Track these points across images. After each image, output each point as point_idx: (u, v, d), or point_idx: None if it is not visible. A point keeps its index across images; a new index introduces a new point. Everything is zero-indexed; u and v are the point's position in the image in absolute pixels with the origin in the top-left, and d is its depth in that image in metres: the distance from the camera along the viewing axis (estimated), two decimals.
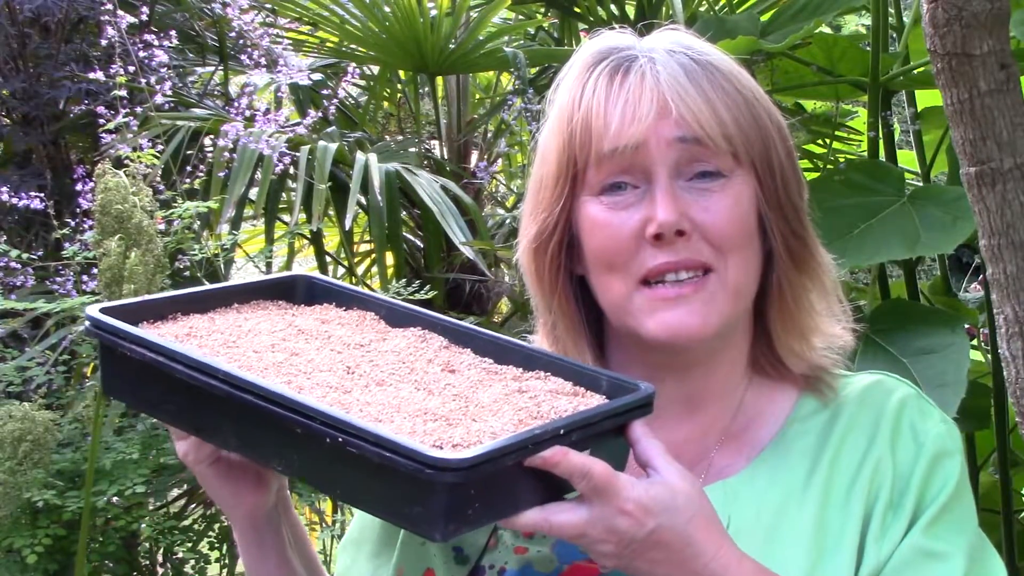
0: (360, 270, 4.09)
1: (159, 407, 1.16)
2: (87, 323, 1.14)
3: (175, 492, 3.17)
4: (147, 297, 1.20)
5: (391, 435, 0.94)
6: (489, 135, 4.07)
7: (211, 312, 1.21)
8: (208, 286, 1.26)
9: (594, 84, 1.17)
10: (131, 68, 2.59)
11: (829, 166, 3.03)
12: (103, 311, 1.13)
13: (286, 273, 1.30)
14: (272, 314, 1.22)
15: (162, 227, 2.22)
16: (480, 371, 1.12)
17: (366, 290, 1.28)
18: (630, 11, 3.50)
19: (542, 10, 3.83)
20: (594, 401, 1.07)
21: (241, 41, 3.04)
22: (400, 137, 4.15)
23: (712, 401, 1.22)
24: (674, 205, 1.12)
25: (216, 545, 2.91)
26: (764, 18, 2.83)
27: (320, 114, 2.96)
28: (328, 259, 3.76)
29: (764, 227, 1.18)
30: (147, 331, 1.13)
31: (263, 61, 2.91)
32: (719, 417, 1.22)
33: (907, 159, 3.14)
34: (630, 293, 1.15)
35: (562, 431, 0.99)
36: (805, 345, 1.22)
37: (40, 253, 2.93)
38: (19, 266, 2.46)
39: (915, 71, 2.61)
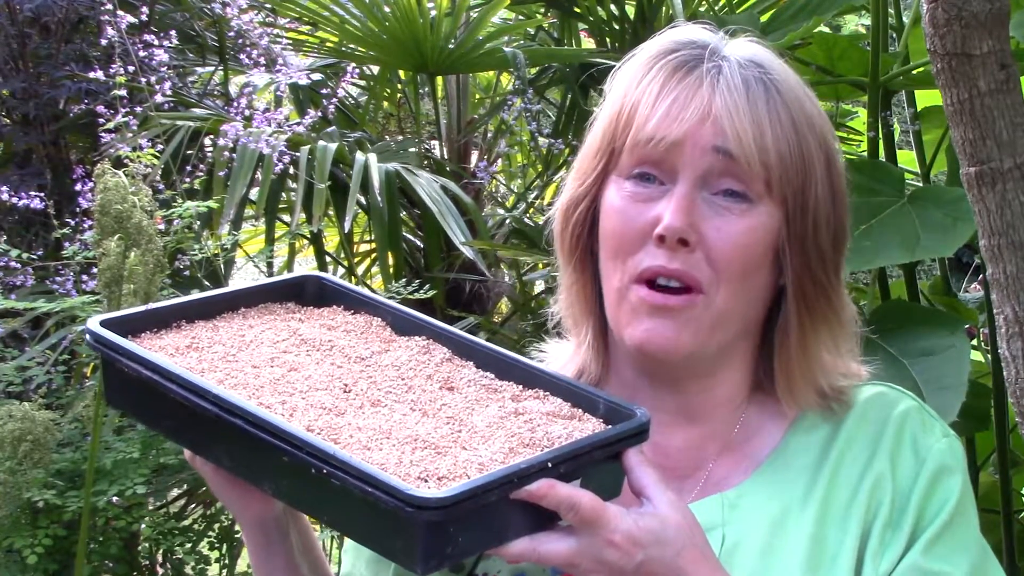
0: (360, 270, 4.09)
1: (157, 422, 1.16)
2: (87, 336, 1.13)
3: (175, 492, 3.17)
4: (152, 306, 1.19)
5: (372, 470, 0.94)
6: (489, 135, 4.07)
7: (217, 319, 1.20)
8: (217, 291, 1.25)
9: (655, 73, 1.16)
10: (131, 68, 2.59)
11: None
12: (104, 323, 1.12)
13: (297, 274, 1.29)
14: (278, 321, 1.21)
15: (162, 227, 2.21)
16: (479, 388, 1.11)
17: (375, 294, 1.27)
18: (630, 11, 3.50)
19: (542, 10, 3.82)
20: (589, 426, 1.06)
21: (241, 41, 3.04)
22: (400, 137, 4.15)
23: (711, 415, 1.20)
24: (686, 213, 1.11)
25: (216, 545, 2.91)
26: (764, 18, 2.83)
27: (320, 114, 2.96)
28: (328, 259, 3.76)
29: (781, 263, 1.16)
30: (145, 346, 1.12)
31: (263, 61, 2.91)
32: (719, 429, 1.21)
33: (907, 159, 3.14)
34: (625, 288, 1.15)
35: (549, 464, 0.98)
36: (807, 387, 1.19)
37: (40, 253, 2.92)
38: (19, 266, 2.46)
39: (915, 71, 2.61)
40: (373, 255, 3.92)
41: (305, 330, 1.19)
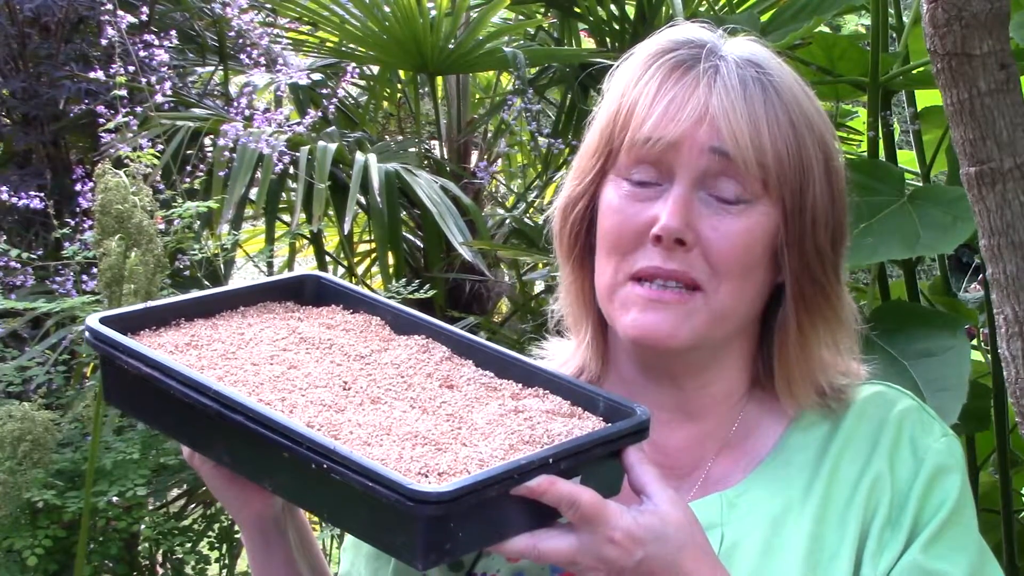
0: (360, 270, 4.09)
1: (157, 419, 1.16)
2: (86, 334, 1.13)
3: (175, 492, 3.17)
4: (151, 304, 1.19)
5: (373, 465, 0.94)
6: (489, 135, 4.07)
7: (216, 317, 1.20)
8: (216, 290, 1.25)
9: (653, 72, 1.16)
10: (131, 68, 2.59)
11: None
12: (103, 321, 1.12)
13: (295, 273, 1.29)
14: (277, 319, 1.21)
15: (162, 227, 2.21)
16: (479, 387, 1.12)
17: (374, 293, 1.28)
18: (630, 11, 3.50)
19: (542, 10, 3.83)
20: (589, 424, 1.06)
21: (241, 41, 3.04)
22: (400, 137, 4.15)
23: (710, 413, 1.21)
24: (683, 214, 1.11)
25: (216, 545, 2.91)
26: (764, 18, 2.83)
27: (320, 114, 2.96)
28: (328, 259, 3.76)
29: (780, 262, 1.16)
30: (144, 343, 1.12)
31: (263, 61, 2.91)
32: (718, 428, 1.21)
33: (907, 159, 3.14)
34: (618, 285, 1.15)
35: (550, 460, 0.98)
36: (806, 385, 1.19)
37: (40, 253, 2.92)
38: (19, 266, 2.46)
39: (915, 71, 2.61)
40: (373, 255, 3.92)
41: (304, 329, 1.19)
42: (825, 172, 1.17)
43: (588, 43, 3.85)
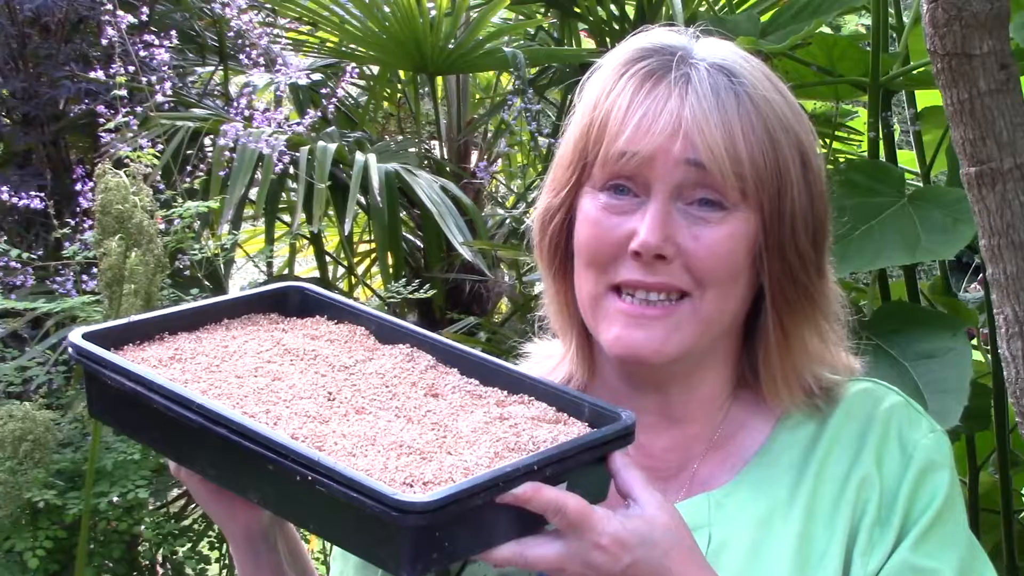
0: (360, 270, 4.09)
1: (141, 433, 1.16)
2: (70, 350, 1.13)
3: (175, 492, 3.17)
4: (134, 318, 1.19)
5: (358, 476, 0.94)
6: (489, 135, 4.07)
7: (200, 330, 1.20)
8: (199, 303, 1.25)
9: (624, 84, 1.15)
10: (131, 68, 2.59)
11: (829, 166, 3.03)
12: (86, 336, 1.12)
13: (279, 285, 1.29)
14: (261, 331, 1.21)
15: (162, 227, 2.21)
16: (463, 395, 1.12)
17: (358, 303, 1.28)
18: (630, 11, 3.50)
19: (542, 10, 3.83)
20: (575, 430, 1.06)
21: (241, 41, 3.04)
22: (400, 137, 4.15)
23: (695, 416, 1.20)
24: (661, 228, 1.11)
25: (216, 545, 2.91)
26: (764, 18, 2.83)
27: (320, 114, 2.96)
28: (328, 259, 3.76)
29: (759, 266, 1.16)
30: (128, 358, 1.12)
31: (263, 61, 2.91)
32: (703, 430, 1.21)
33: (907, 159, 3.14)
34: (601, 296, 1.15)
35: (535, 467, 0.98)
36: (792, 385, 1.19)
37: (40, 253, 2.93)
38: (19, 266, 2.46)
39: (915, 71, 2.60)
40: (373, 255, 3.93)
41: (288, 340, 1.18)
42: (803, 174, 1.16)
43: (588, 43, 3.85)
